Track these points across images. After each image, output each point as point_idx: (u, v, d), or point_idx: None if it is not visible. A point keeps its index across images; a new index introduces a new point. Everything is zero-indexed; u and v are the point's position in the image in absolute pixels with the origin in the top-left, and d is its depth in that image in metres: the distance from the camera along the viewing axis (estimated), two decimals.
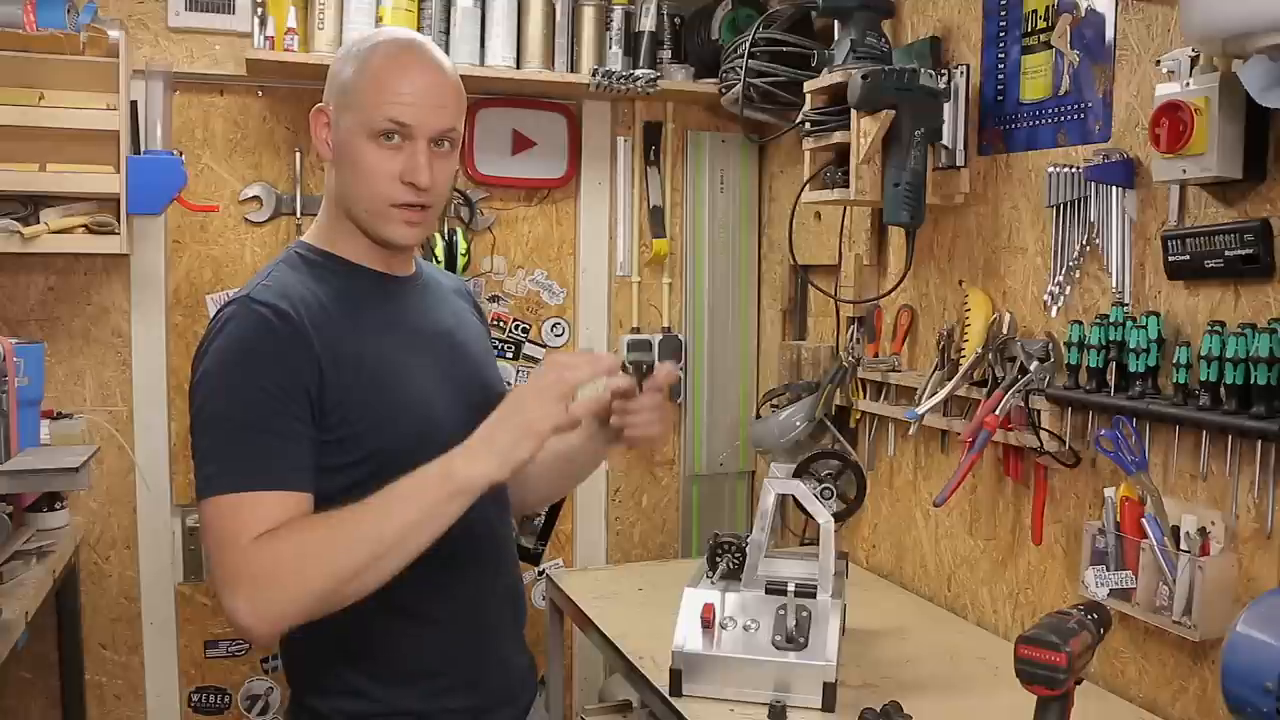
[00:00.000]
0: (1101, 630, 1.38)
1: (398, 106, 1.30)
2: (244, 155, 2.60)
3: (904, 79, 1.95)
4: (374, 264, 1.41)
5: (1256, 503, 1.55)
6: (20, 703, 2.48)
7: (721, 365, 3.04)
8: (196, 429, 1.26)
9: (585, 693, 2.90)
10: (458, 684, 1.41)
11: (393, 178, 1.32)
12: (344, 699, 1.36)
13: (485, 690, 1.44)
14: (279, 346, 1.26)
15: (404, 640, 1.37)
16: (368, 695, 1.35)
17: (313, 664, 1.38)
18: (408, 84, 1.31)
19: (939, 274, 2.26)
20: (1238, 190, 1.59)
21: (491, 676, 1.45)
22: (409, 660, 1.37)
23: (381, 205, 1.33)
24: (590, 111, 2.87)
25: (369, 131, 1.31)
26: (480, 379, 1.49)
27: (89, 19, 2.23)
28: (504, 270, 2.84)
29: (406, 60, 1.33)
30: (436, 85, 1.33)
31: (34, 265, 2.42)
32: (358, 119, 1.31)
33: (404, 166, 1.31)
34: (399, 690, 1.36)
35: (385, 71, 1.31)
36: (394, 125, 1.30)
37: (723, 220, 3.01)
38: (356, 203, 1.35)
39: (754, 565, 1.78)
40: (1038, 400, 1.87)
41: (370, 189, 1.33)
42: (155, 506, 2.55)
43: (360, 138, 1.31)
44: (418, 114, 1.31)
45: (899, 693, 1.70)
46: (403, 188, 1.32)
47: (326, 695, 1.37)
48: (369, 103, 1.31)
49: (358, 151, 1.32)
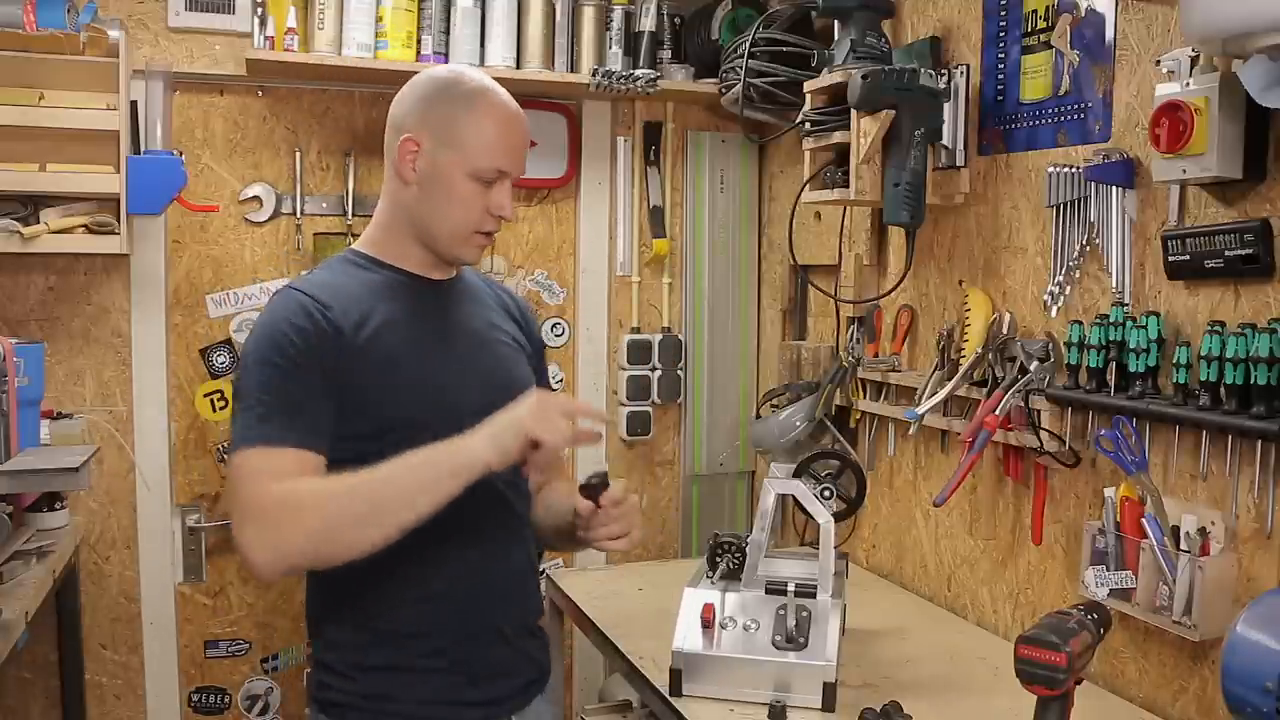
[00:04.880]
0: (1101, 630, 1.38)
1: (506, 159, 1.53)
2: (244, 155, 2.60)
3: (904, 79, 1.95)
4: (417, 269, 1.59)
5: (1256, 503, 1.55)
6: (20, 703, 2.48)
7: (721, 365, 3.04)
8: (235, 394, 1.48)
9: (585, 693, 2.90)
10: (444, 646, 1.53)
11: (484, 211, 1.53)
12: (338, 650, 1.53)
13: (477, 660, 1.55)
14: (307, 325, 1.45)
15: (401, 605, 1.51)
16: (354, 646, 1.51)
17: (319, 616, 1.56)
18: (511, 139, 1.54)
19: (939, 274, 2.26)
20: (1238, 190, 1.59)
21: (485, 649, 1.56)
22: (402, 622, 1.51)
23: (468, 232, 1.54)
24: (590, 111, 2.88)
25: (474, 173, 1.51)
26: (504, 372, 1.62)
27: (89, 19, 2.23)
28: (504, 270, 2.85)
29: (508, 116, 1.55)
30: (526, 136, 1.58)
31: (34, 265, 2.42)
32: (465, 160, 1.51)
33: (494, 202, 1.54)
34: (387, 646, 1.51)
35: (496, 126, 1.53)
36: (498, 174, 1.53)
37: (723, 220, 3.01)
38: (441, 226, 1.54)
39: (754, 565, 1.78)
40: (1038, 400, 1.87)
41: (464, 219, 1.53)
42: (155, 506, 2.55)
43: (462, 175, 1.51)
44: (515, 163, 1.55)
45: (899, 693, 1.70)
46: (490, 219, 1.55)
47: (330, 647, 1.54)
48: (479, 150, 1.51)
49: (457, 186, 1.52)
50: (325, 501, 1.37)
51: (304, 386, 1.43)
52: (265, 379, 1.43)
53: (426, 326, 1.56)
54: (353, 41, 2.47)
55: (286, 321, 1.45)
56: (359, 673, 1.50)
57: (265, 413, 1.41)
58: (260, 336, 1.47)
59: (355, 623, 1.51)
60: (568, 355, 2.92)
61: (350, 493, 1.37)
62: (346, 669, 1.51)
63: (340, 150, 2.67)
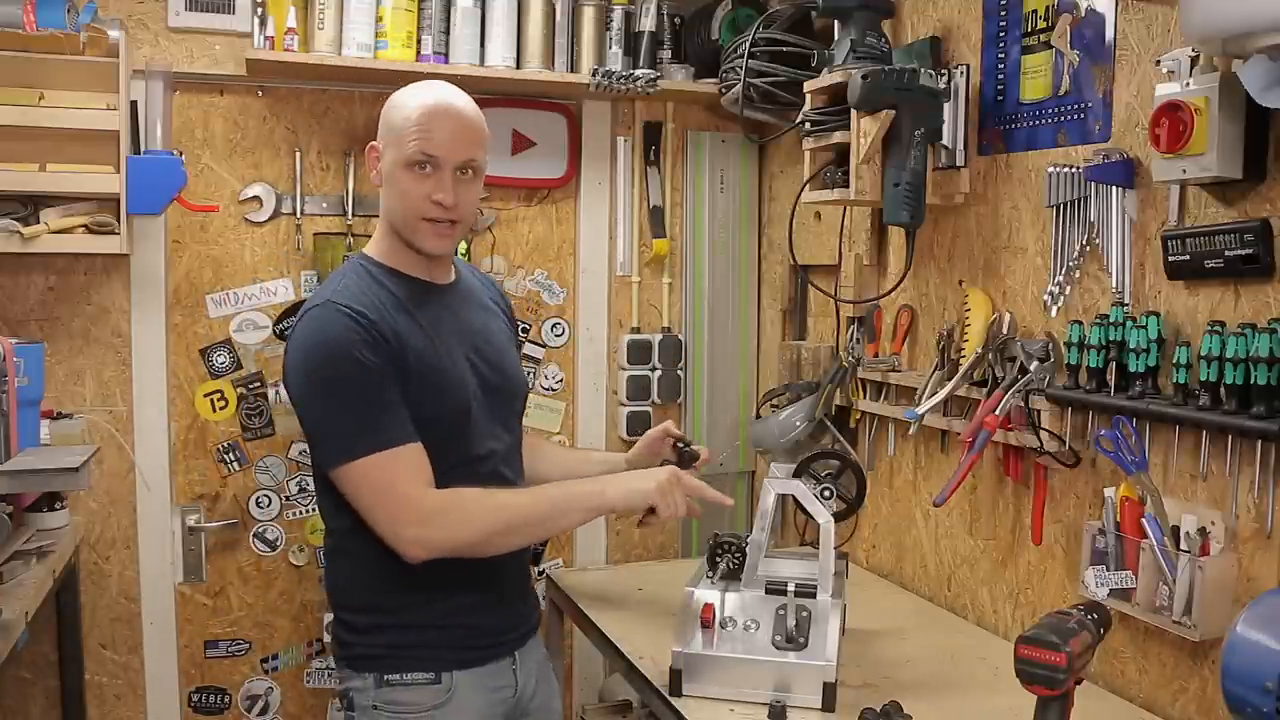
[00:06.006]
0: (1101, 630, 1.38)
1: (431, 145, 1.64)
2: (244, 155, 2.60)
3: (904, 79, 1.95)
4: (420, 273, 1.74)
5: (1256, 503, 1.55)
6: (20, 703, 2.48)
7: (721, 365, 3.04)
8: (312, 413, 1.63)
9: (585, 693, 2.90)
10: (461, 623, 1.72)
11: (423, 198, 1.65)
12: (357, 615, 1.72)
13: (484, 620, 1.74)
14: (366, 335, 1.59)
15: (419, 597, 1.68)
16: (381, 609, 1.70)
17: (345, 588, 1.75)
18: (436, 125, 1.65)
19: (939, 274, 2.26)
20: (1238, 190, 1.59)
21: (497, 615, 1.77)
22: (422, 613, 1.69)
23: (415, 220, 1.67)
24: (590, 111, 2.88)
25: (403, 161, 1.65)
26: (499, 368, 1.80)
27: (89, 19, 2.23)
28: (504, 270, 2.84)
29: (435, 107, 1.66)
30: (460, 126, 1.67)
31: (34, 265, 2.42)
32: (398, 151, 1.66)
33: (430, 189, 1.65)
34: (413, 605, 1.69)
35: (419, 115, 1.65)
36: (424, 157, 1.64)
37: (723, 220, 3.01)
38: (396, 218, 1.70)
39: (754, 565, 1.78)
40: (1038, 400, 1.88)
41: (408, 207, 1.67)
42: (155, 506, 2.55)
43: (399, 167, 1.66)
44: (446, 152, 1.65)
45: (899, 693, 1.70)
46: (430, 205, 1.65)
47: (350, 609, 1.73)
48: (405, 139, 1.65)
49: (396, 178, 1.67)
50: (484, 516, 1.63)
51: (389, 389, 1.60)
52: (353, 390, 1.58)
53: (442, 332, 1.70)
54: (353, 41, 2.47)
55: (347, 337, 1.58)
56: (386, 628, 1.68)
57: (371, 420, 1.58)
58: (325, 356, 1.59)
59: (373, 582, 1.69)
60: (568, 355, 2.92)
61: (503, 509, 1.65)
62: (370, 626, 1.69)
63: (340, 150, 2.66)
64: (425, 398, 1.63)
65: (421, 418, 1.62)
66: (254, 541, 2.66)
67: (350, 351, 1.58)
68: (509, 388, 1.82)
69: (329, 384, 1.60)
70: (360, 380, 1.58)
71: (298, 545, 2.68)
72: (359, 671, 1.68)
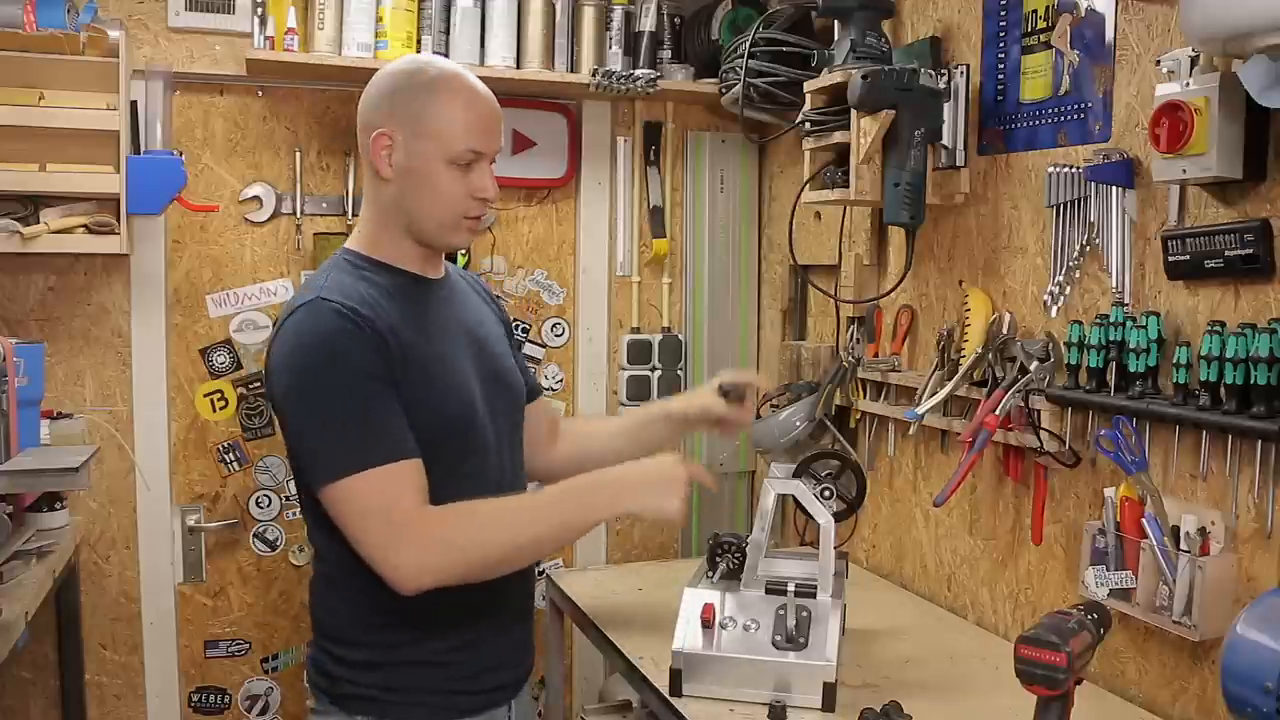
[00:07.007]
0: (1101, 630, 1.38)
1: (479, 140, 1.53)
2: (244, 155, 2.60)
3: (904, 79, 1.95)
4: (412, 267, 1.61)
5: (1256, 503, 1.55)
6: (20, 703, 2.48)
7: (721, 365, 3.02)
8: (298, 421, 1.47)
9: (585, 693, 2.90)
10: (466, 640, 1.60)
11: (467, 195, 1.54)
12: (354, 647, 1.56)
13: (487, 654, 1.62)
14: (359, 336, 1.44)
15: (416, 633, 1.56)
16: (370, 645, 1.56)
17: (336, 619, 1.59)
18: (481, 119, 1.54)
19: (939, 274, 2.26)
20: (1238, 190, 1.59)
21: (500, 648, 1.65)
22: (420, 648, 1.56)
23: (456, 219, 1.56)
24: (590, 111, 2.88)
25: (450, 159, 1.52)
26: (497, 367, 1.70)
27: (89, 19, 2.23)
28: (504, 270, 2.84)
29: (474, 96, 1.55)
30: (496, 113, 1.58)
31: (34, 265, 2.42)
32: (439, 148, 1.52)
33: (475, 185, 1.54)
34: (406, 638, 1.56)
35: (464, 109, 1.53)
36: (473, 154, 1.53)
37: (723, 220, 3.01)
38: (429, 217, 1.56)
39: (754, 565, 1.78)
40: (1038, 400, 1.87)
41: (449, 206, 1.54)
42: (155, 506, 2.55)
43: (438, 163, 1.52)
44: (489, 143, 1.55)
45: (899, 693, 1.69)
46: (475, 203, 1.56)
47: (340, 643, 1.57)
48: (452, 136, 1.52)
49: (435, 175, 1.53)
50: (493, 528, 1.47)
51: (387, 398, 1.45)
52: (349, 398, 1.43)
53: (437, 327, 1.59)
54: (353, 42, 2.47)
55: (342, 337, 1.44)
56: (381, 665, 1.55)
57: (368, 432, 1.43)
58: (319, 358, 1.44)
59: (368, 615, 1.55)
60: (568, 355, 2.92)
61: (510, 526, 1.49)
62: (363, 662, 1.55)
63: (340, 150, 2.66)
64: (426, 396, 1.50)
65: (422, 418, 1.48)
66: (254, 541, 2.66)
67: (343, 351, 1.43)
68: (510, 384, 1.72)
69: (319, 390, 1.44)
70: (354, 385, 1.43)
71: (298, 545, 2.68)
72: (350, 714, 1.54)
